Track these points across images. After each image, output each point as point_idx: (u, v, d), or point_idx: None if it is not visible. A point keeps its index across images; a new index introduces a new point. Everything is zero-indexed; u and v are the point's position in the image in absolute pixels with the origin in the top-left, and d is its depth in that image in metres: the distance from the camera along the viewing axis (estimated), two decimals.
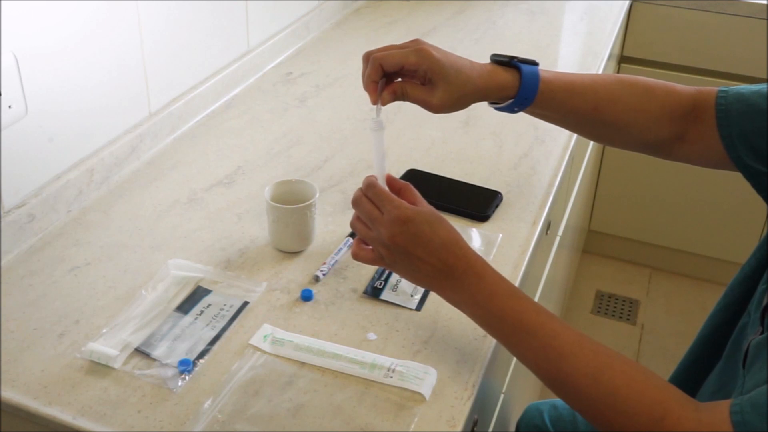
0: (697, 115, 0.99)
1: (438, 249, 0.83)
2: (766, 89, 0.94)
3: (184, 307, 0.95)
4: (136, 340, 0.89)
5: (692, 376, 1.03)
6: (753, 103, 0.94)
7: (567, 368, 0.79)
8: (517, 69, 0.97)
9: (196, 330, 0.92)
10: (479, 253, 0.93)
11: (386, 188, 0.88)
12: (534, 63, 0.98)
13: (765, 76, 2.18)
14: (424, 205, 0.87)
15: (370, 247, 0.88)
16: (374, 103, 0.92)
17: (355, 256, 0.89)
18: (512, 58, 0.98)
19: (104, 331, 0.91)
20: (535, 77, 0.97)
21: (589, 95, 1.00)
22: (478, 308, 0.84)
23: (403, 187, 0.89)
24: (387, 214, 0.84)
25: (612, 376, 0.77)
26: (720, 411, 0.72)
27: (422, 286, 0.88)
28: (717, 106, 0.96)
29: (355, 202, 0.88)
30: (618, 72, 2.35)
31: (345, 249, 1.06)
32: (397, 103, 0.94)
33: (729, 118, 0.95)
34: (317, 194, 1.05)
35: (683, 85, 1.02)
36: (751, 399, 0.71)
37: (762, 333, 0.80)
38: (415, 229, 0.83)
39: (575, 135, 1.39)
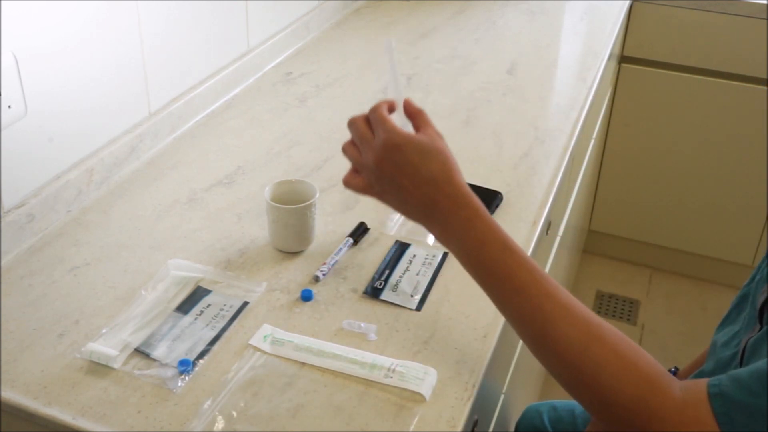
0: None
1: (424, 182, 0.78)
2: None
3: (184, 307, 0.95)
4: (136, 340, 0.89)
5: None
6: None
7: (554, 333, 0.75)
8: None
9: (196, 330, 0.92)
10: None
11: (401, 111, 0.84)
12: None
13: (765, 76, 2.18)
14: (428, 133, 0.81)
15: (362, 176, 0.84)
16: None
17: (346, 184, 0.86)
18: None
19: (104, 331, 0.91)
20: None
21: None
22: (466, 255, 0.79)
23: (415, 113, 0.85)
24: (377, 138, 0.80)
25: (602, 349, 0.74)
26: (699, 386, 0.70)
27: (413, 220, 0.83)
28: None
29: (351, 123, 0.84)
30: (618, 72, 2.35)
31: (345, 249, 1.06)
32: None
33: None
34: (317, 194, 1.05)
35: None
36: (730, 374, 0.69)
37: (760, 330, 0.79)
38: (401, 158, 0.78)
39: (575, 135, 1.39)
